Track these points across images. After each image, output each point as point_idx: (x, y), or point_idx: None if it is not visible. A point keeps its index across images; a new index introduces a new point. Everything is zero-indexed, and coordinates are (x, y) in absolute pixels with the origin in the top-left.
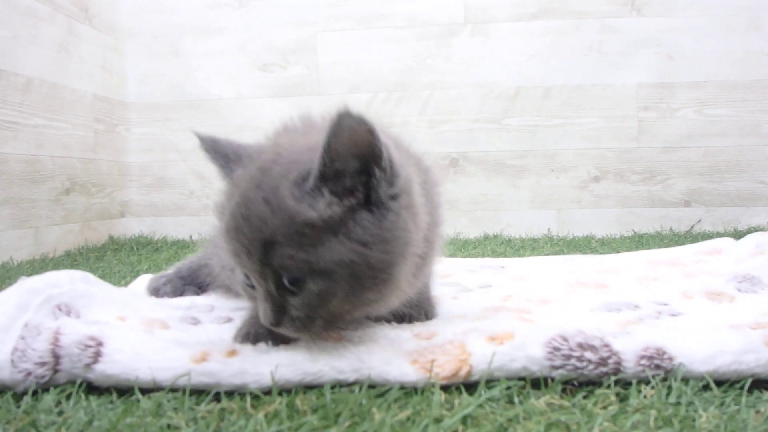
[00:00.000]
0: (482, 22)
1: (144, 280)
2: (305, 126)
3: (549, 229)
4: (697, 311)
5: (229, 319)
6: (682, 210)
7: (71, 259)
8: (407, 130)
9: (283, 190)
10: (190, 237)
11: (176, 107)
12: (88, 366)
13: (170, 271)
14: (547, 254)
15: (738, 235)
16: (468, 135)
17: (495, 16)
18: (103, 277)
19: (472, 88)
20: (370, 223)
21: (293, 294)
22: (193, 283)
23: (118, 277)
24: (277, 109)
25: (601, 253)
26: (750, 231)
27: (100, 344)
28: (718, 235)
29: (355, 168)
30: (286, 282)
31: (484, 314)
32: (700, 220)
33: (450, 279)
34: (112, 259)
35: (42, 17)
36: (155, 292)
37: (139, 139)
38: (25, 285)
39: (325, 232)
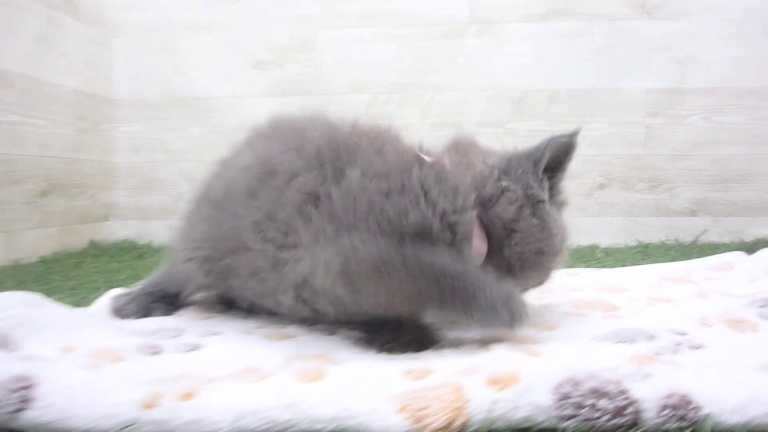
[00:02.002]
0: (488, 22)
1: (109, 295)
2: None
3: None
4: (719, 343)
5: (196, 347)
6: (688, 219)
7: (46, 266)
8: (409, 132)
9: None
10: None
11: (167, 105)
12: (15, 413)
13: (137, 287)
14: None
15: (745, 246)
16: None
17: (502, 17)
18: (76, 288)
19: (477, 90)
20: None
21: None
22: (163, 299)
23: (92, 288)
24: (273, 109)
25: (605, 265)
26: (757, 242)
27: (30, 386)
28: (725, 246)
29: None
30: None
31: (485, 344)
32: (706, 230)
33: None
34: (90, 267)
35: (19, 7)
36: (118, 312)
37: (127, 138)
38: None
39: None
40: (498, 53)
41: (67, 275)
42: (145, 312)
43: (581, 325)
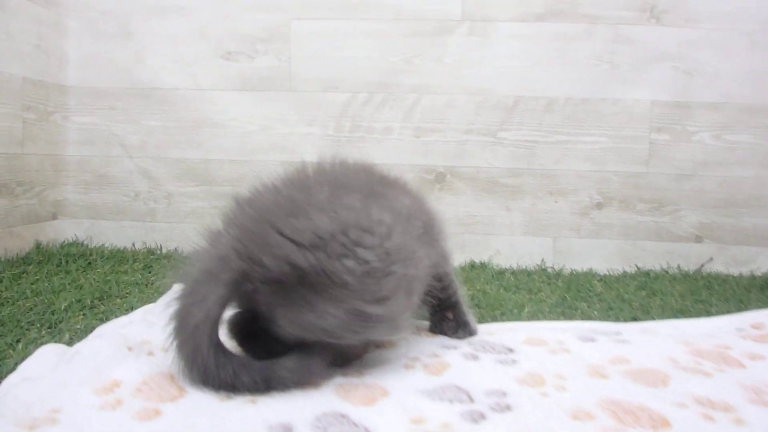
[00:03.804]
0: (481, 20)
1: (42, 358)
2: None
3: (543, 260)
4: None
5: None
6: (691, 246)
7: None
8: (389, 137)
9: None
10: (133, 245)
11: (124, 95)
12: None
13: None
14: (549, 307)
15: (758, 281)
16: (458, 147)
17: (496, 15)
18: (3, 323)
19: (466, 94)
20: None
21: None
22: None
23: (21, 329)
24: (240, 103)
25: (607, 304)
26: (766, 275)
27: None
28: (734, 279)
29: None
30: None
31: None
32: (711, 259)
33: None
34: (29, 282)
35: None
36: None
37: (79, 130)
38: None
39: None
40: (490, 54)
41: None
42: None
43: None
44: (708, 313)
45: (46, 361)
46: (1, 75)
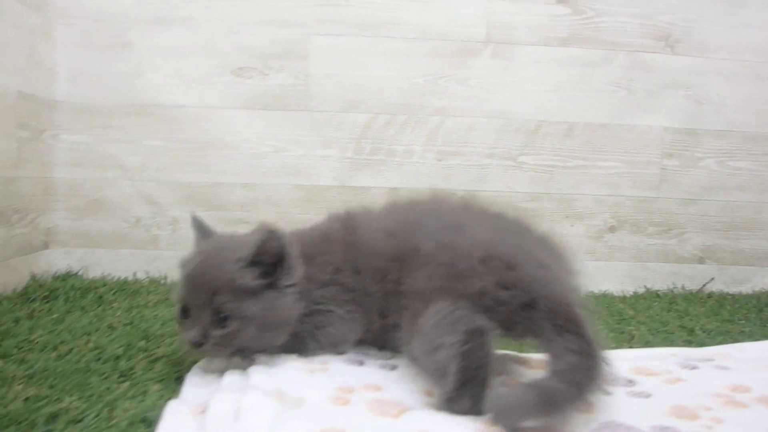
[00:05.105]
0: (506, 42)
1: (177, 420)
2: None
3: None
4: None
5: None
6: (695, 267)
7: None
8: (410, 160)
9: (228, 263)
10: (134, 275)
11: (122, 113)
12: None
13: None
14: (605, 333)
15: (760, 298)
16: (480, 171)
17: (521, 38)
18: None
19: (489, 118)
20: (273, 298)
21: (220, 327)
22: None
23: (93, 391)
24: (252, 123)
25: (645, 323)
26: (762, 292)
27: None
28: (734, 296)
29: (270, 262)
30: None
31: None
32: (713, 279)
33: None
34: (53, 328)
35: None
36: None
37: (70, 150)
38: None
39: (247, 294)
40: (514, 78)
41: (20, 359)
42: None
43: None
44: (744, 333)
45: (186, 426)
46: None
